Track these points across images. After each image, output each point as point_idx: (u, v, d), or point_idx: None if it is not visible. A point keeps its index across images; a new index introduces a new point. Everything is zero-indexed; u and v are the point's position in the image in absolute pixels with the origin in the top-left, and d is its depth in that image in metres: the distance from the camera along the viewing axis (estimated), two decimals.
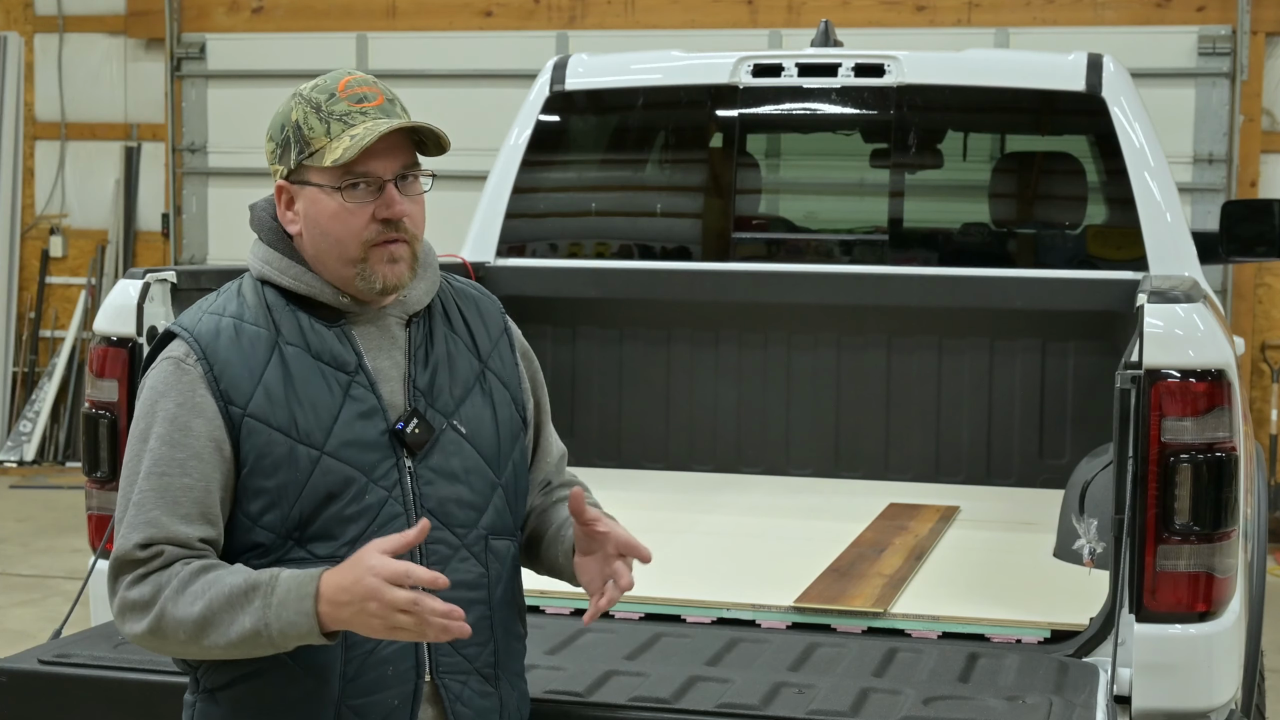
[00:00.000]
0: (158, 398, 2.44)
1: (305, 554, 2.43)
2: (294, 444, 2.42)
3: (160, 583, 2.36)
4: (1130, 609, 3.17)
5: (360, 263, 2.47)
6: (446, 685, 2.50)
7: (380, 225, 2.46)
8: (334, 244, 2.47)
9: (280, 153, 2.50)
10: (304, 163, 2.47)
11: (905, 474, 5.04)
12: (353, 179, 2.45)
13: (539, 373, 2.77)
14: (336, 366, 2.48)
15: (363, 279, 2.48)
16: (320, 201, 2.47)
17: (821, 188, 5.75)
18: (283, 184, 2.51)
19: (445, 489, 2.52)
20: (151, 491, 2.40)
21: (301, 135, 2.47)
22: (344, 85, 2.48)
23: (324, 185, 2.46)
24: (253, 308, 2.49)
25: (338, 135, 2.44)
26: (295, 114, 2.48)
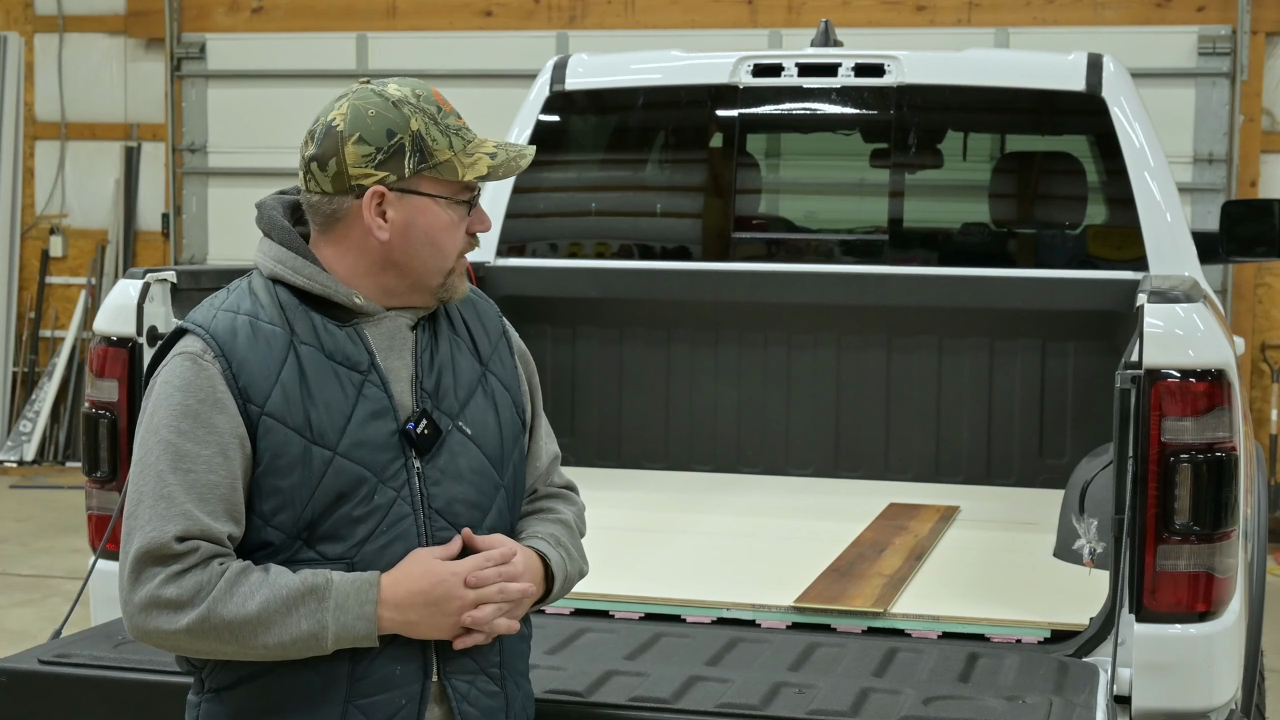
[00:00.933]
0: (173, 391, 2.42)
1: (315, 554, 2.43)
2: (309, 444, 2.42)
3: (202, 581, 2.34)
4: (1130, 609, 3.17)
5: (450, 274, 2.55)
6: (454, 685, 2.50)
7: (468, 239, 2.56)
8: (436, 255, 2.51)
9: (384, 159, 2.47)
10: (423, 172, 2.48)
11: (905, 474, 5.04)
12: (470, 194, 2.54)
13: (535, 375, 2.78)
14: (350, 366, 2.48)
15: (445, 289, 2.55)
16: (432, 212, 2.50)
17: (821, 188, 5.74)
18: (382, 190, 2.48)
19: (452, 489, 2.52)
20: (179, 486, 2.38)
21: (424, 144, 2.48)
22: (440, 98, 2.54)
23: (440, 197, 2.50)
24: (267, 306, 2.49)
25: (460, 149, 2.49)
26: (415, 123, 2.48)
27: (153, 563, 2.36)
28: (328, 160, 2.48)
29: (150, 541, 2.36)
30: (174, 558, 2.35)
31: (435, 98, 2.53)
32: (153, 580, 2.35)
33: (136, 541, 2.37)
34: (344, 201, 2.49)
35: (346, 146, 2.47)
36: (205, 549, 2.36)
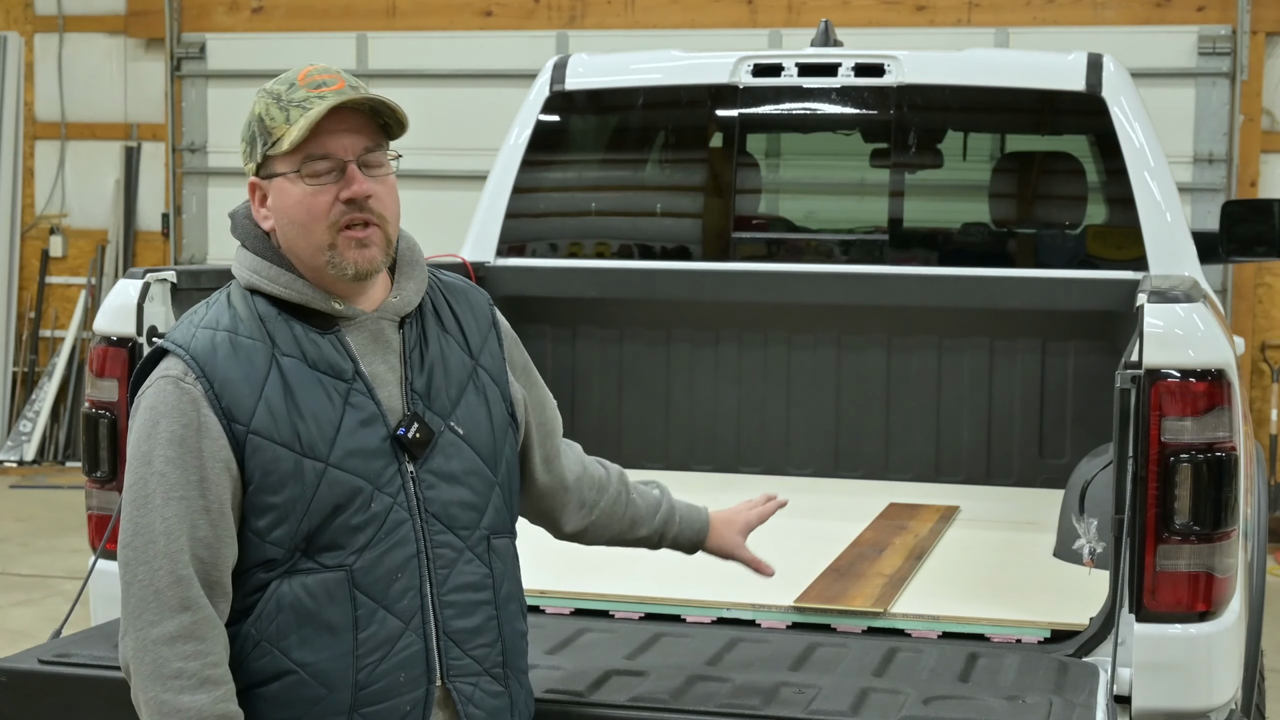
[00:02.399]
0: (159, 419, 2.40)
1: (314, 564, 2.43)
2: (299, 458, 2.40)
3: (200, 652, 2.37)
4: (1130, 609, 3.17)
5: (330, 249, 2.45)
6: (458, 688, 2.50)
7: (344, 206, 2.45)
8: (302, 231, 2.46)
9: (249, 150, 2.49)
10: (268, 154, 2.46)
11: (905, 474, 5.04)
12: (314, 161, 2.44)
13: (525, 354, 2.78)
14: (334, 375, 2.46)
15: (334, 266, 2.46)
16: (285, 190, 2.46)
17: (821, 187, 5.74)
18: (255, 181, 2.50)
19: (447, 492, 2.52)
20: (175, 518, 2.37)
21: (265, 127, 2.46)
22: (304, 75, 2.47)
23: (287, 172, 2.45)
24: (245, 320, 2.46)
25: (297, 120, 2.43)
26: (258, 107, 2.48)
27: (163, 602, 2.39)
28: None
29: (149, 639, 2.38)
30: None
31: (299, 77, 2.47)
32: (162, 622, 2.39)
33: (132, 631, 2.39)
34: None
35: (240, 149, 2.53)
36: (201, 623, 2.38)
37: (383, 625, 2.44)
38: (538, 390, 2.80)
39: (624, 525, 2.93)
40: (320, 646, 2.42)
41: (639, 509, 2.94)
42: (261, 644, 2.43)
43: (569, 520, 2.88)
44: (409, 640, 2.46)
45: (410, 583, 2.46)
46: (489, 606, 2.55)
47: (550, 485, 2.82)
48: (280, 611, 2.42)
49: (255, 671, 2.43)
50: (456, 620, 2.50)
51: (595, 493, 2.89)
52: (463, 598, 2.51)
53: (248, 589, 2.44)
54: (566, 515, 2.87)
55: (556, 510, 2.86)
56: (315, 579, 2.42)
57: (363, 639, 2.43)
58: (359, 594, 2.43)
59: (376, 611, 2.44)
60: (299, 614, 2.42)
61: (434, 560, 2.49)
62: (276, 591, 2.42)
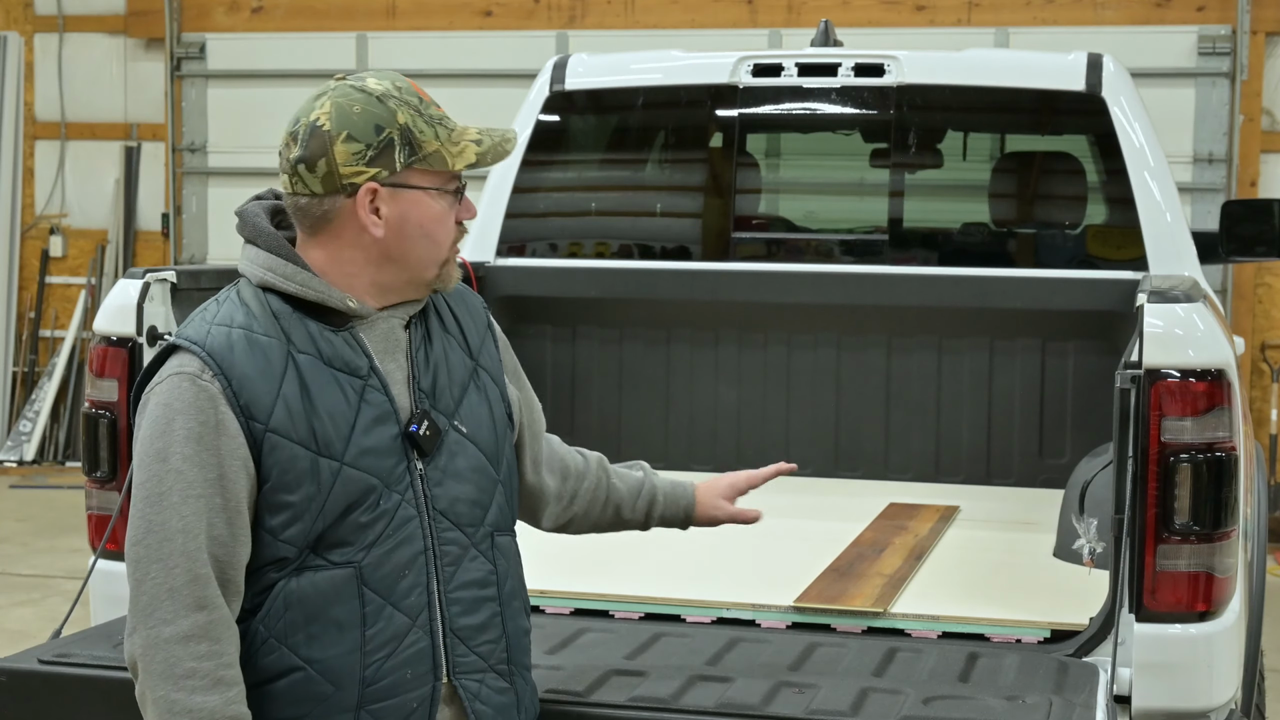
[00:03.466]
0: (174, 415, 2.38)
1: (322, 561, 2.43)
2: (315, 456, 2.40)
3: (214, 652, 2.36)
4: (1130, 609, 3.17)
5: (445, 264, 2.54)
6: (464, 685, 2.51)
7: (458, 228, 2.56)
8: (432, 246, 2.51)
9: (374, 155, 2.44)
10: (413, 165, 2.47)
11: (905, 474, 5.04)
12: (456, 181, 2.53)
13: (515, 359, 2.81)
14: (350, 372, 2.46)
15: (440, 279, 2.55)
16: (424, 204, 2.49)
17: (821, 187, 5.74)
18: (375, 186, 2.46)
19: (454, 489, 2.53)
20: (193, 515, 2.36)
21: (412, 137, 2.46)
22: (419, 89, 2.53)
23: (431, 188, 2.49)
24: (260, 317, 2.45)
25: (447, 140, 2.48)
26: (402, 117, 2.46)
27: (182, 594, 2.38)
28: (316, 161, 2.45)
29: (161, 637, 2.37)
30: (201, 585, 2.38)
31: (415, 89, 2.52)
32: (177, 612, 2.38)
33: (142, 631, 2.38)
34: (335, 201, 2.46)
35: (335, 145, 2.44)
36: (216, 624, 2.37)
37: (390, 622, 2.44)
38: (527, 393, 2.83)
39: (607, 512, 2.97)
40: (328, 643, 2.42)
41: (620, 493, 2.97)
42: (269, 640, 2.43)
43: (548, 516, 2.91)
44: (416, 637, 2.46)
45: (418, 580, 2.47)
46: (494, 603, 2.56)
47: (535, 485, 2.85)
48: (288, 608, 2.42)
49: (263, 668, 2.43)
50: (462, 617, 2.51)
51: (574, 482, 2.93)
52: (469, 594, 2.52)
53: (258, 587, 2.44)
54: (547, 511, 2.91)
55: (539, 508, 2.90)
56: (324, 576, 2.42)
57: (370, 636, 2.43)
58: (367, 591, 2.43)
59: (384, 608, 2.44)
60: (307, 611, 2.42)
61: (441, 557, 2.50)
62: (285, 588, 2.42)
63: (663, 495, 3.00)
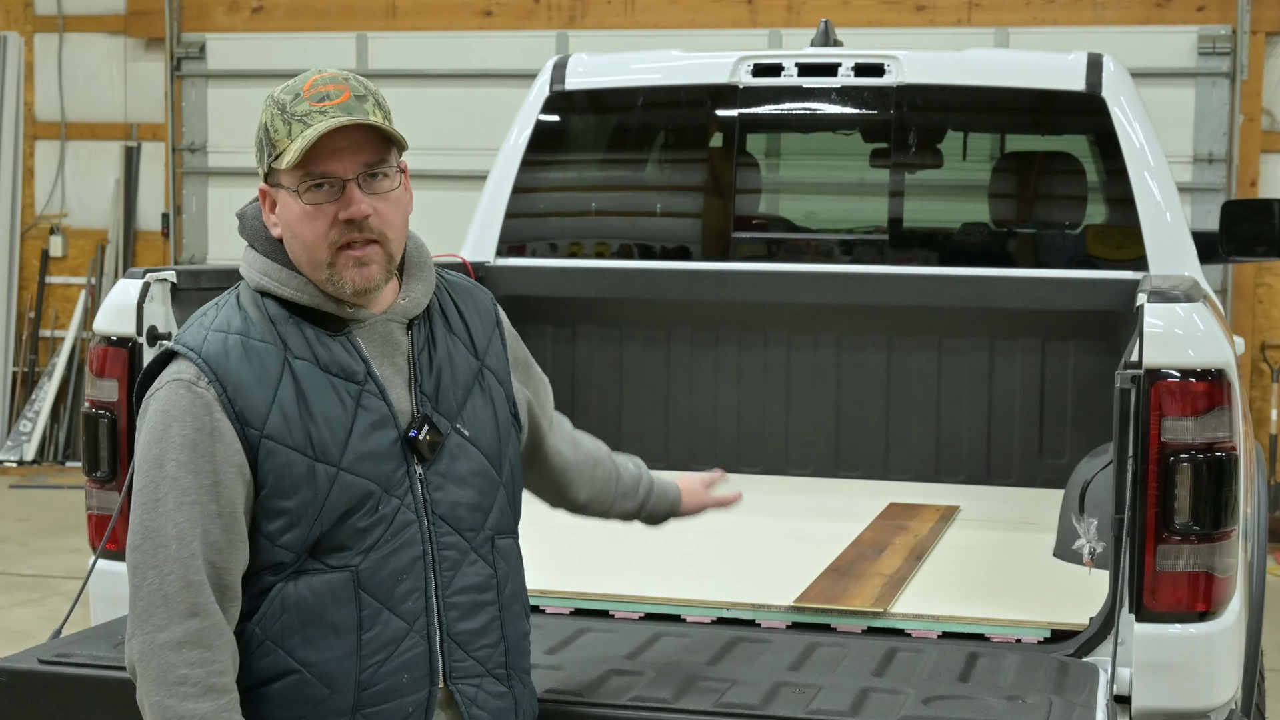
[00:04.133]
0: (170, 422, 2.38)
1: (320, 565, 2.43)
2: (312, 462, 2.40)
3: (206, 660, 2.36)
4: (1130, 609, 3.17)
5: (329, 267, 2.44)
6: (461, 690, 2.50)
7: (344, 226, 2.42)
8: (304, 247, 2.45)
9: (258, 156, 2.49)
10: (273, 165, 2.45)
11: (905, 474, 5.04)
12: (313, 180, 2.42)
13: (531, 361, 2.81)
14: (346, 377, 2.46)
15: (332, 284, 2.45)
16: (289, 205, 2.45)
17: (821, 187, 5.74)
18: (264, 188, 2.50)
19: (454, 493, 2.52)
20: (187, 522, 2.36)
21: (269, 138, 2.45)
22: (309, 85, 2.45)
23: (289, 187, 2.44)
24: (257, 322, 2.45)
25: (297, 136, 2.41)
26: (264, 116, 2.47)
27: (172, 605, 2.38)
28: None
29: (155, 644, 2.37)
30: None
31: (304, 88, 2.44)
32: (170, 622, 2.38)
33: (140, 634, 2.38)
34: None
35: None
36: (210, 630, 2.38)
37: (387, 626, 2.44)
38: (538, 382, 2.84)
39: (615, 497, 3.04)
40: (324, 647, 2.42)
41: (625, 483, 3.05)
42: (266, 643, 2.43)
43: (581, 490, 2.98)
44: (413, 642, 2.46)
45: (415, 584, 2.46)
46: (493, 607, 2.55)
47: (564, 461, 2.91)
48: (285, 611, 2.42)
49: (259, 671, 2.43)
50: (460, 622, 2.50)
51: (591, 466, 2.98)
52: (467, 599, 2.51)
53: (255, 591, 2.43)
54: (578, 487, 2.96)
55: (568, 483, 2.95)
56: (321, 579, 2.42)
57: (366, 640, 2.43)
58: (364, 595, 2.43)
59: (381, 613, 2.44)
60: (304, 614, 2.42)
61: (440, 562, 2.49)
62: (282, 591, 2.42)
63: (656, 487, 3.10)
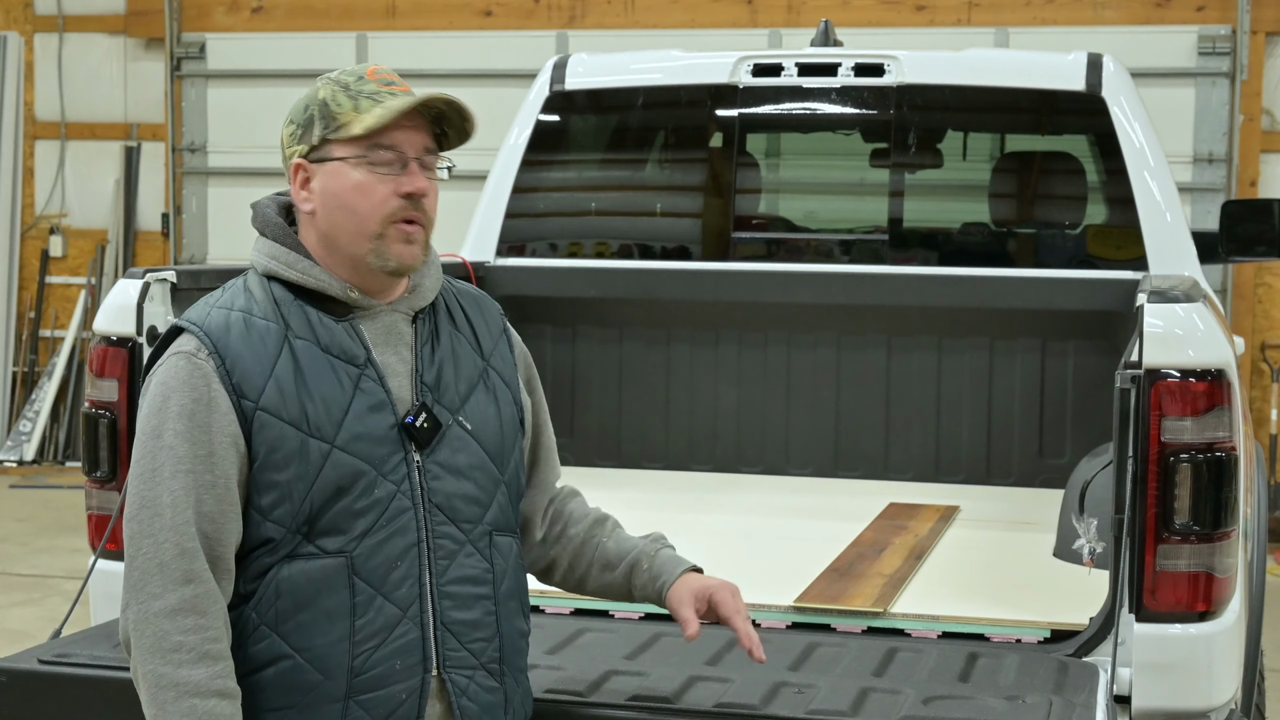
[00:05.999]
0: (170, 393, 2.43)
1: (314, 549, 2.44)
2: (305, 437, 2.43)
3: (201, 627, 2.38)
4: (1130, 609, 3.17)
5: (377, 239, 2.49)
6: (453, 679, 2.51)
7: (402, 201, 2.49)
8: (352, 217, 2.49)
9: (301, 132, 2.52)
10: (328, 137, 2.49)
11: (905, 474, 5.04)
12: (380, 149, 2.48)
13: (536, 378, 2.80)
14: (346, 360, 2.49)
15: (376, 255, 2.49)
16: (342, 174, 2.49)
17: (821, 187, 5.74)
18: (301, 162, 2.52)
19: (452, 484, 2.53)
20: (182, 490, 2.39)
21: (328, 111, 2.50)
22: (371, 71, 2.54)
23: (348, 157, 2.49)
24: (261, 302, 2.50)
25: (367, 110, 2.48)
26: (323, 93, 2.52)
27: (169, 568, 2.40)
28: (282, 151, 2.57)
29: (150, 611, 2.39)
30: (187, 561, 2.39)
31: (368, 73, 2.53)
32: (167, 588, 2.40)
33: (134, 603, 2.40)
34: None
35: (283, 132, 2.55)
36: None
37: (380, 612, 2.45)
38: (539, 413, 2.80)
39: (592, 569, 2.82)
40: (317, 632, 2.43)
41: (608, 553, 2.80)
42: (260, 628, 2.44)
43: (523, 551, 2.77)
44: (406, 629, 2.47)
45: (409, 571, 2.48)
46: (488, 601, 2.56)
47: (529, 504, 2.78)
48: (280, 596, 2.43)
49: (253, 656, 2.44)
50: (455, 612, 2.51)
51: (561, 526, 2.82)
52: (462, 590, 2.52)
53: (251, 574, 2.45)
54: (531, 547, 2.81)
55: (530, 532, 2.81)
56: (315, 564, 2.44)
57: (360, 626, 2.44)
58: (358, 580, 2.44)
59: (375, 599, 2.45)
60: (298, 599, 2.43)
61: (434, 550, 2.50)
62: (276, 576, 2.44)
63: (648, 566, 2.78)
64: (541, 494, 2.82)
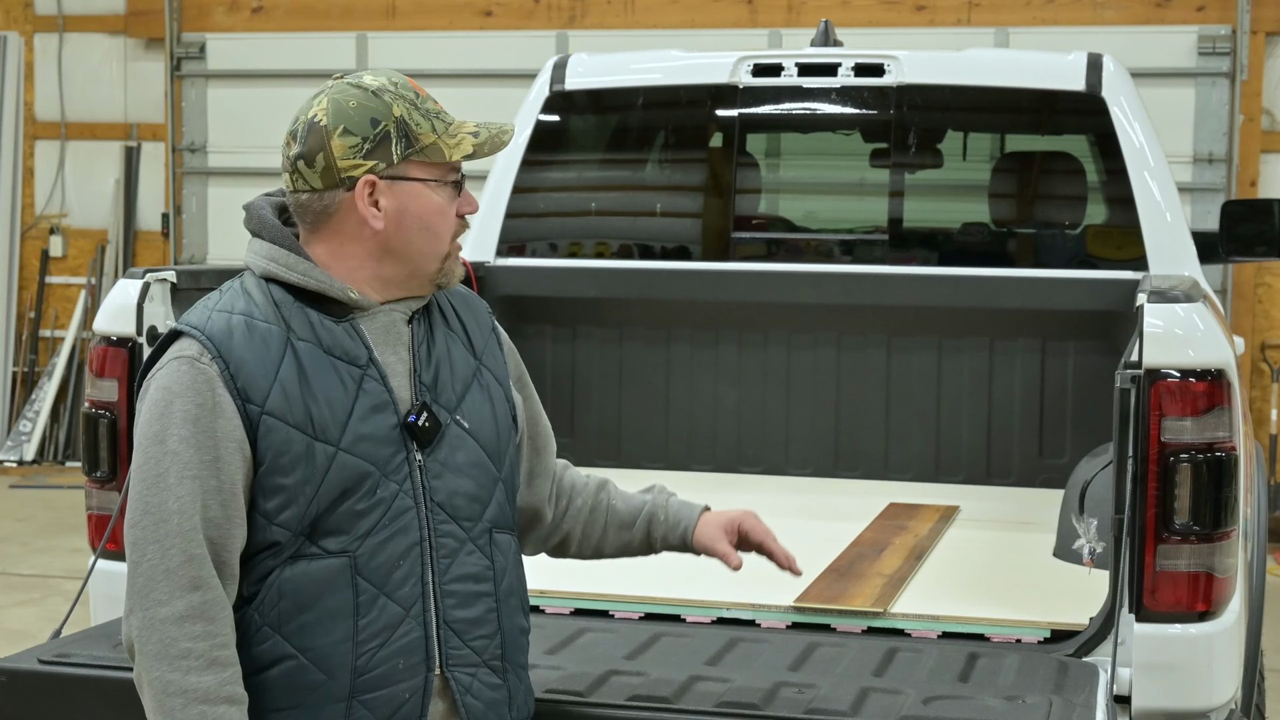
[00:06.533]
0: (172, 398, 2.41)
1: (317, 549, 2.44)
2: (311, 440, 2.42)
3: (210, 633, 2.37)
4: (1130, 609, 3.17)
5: (448, 258, 2.56)
6: (456, 678, 2.51)
7: (459, 221, 2.57)
8: (432, 239, 2.53)
9: (373, 148, 2.48)
10: (410, 157, 2.49)
11: (905, 474, 5.04)
12: (455, 174, 2.55)
13: (522, 366, 2.82)
14: (348, 360, 2.49)
15: (444, 274, 2.57)
16: (424, 196, 2.52)
17: (821, 187, 5.74)
18: (374, 179, 2.49)
19: (452, 482, 2.54)
20: (188, 496, 2.38)
21: (409, 129, 2.50)
22: (415, 85, 2.56)
23: (429, 180, 2.51)
24: (261, 305, 2.49)
25: (444, 133, 2.51)
26: (398, 109, 2.50)
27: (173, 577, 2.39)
28: (314, 156, 2.49)
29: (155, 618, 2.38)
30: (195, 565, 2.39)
31: (411, 85, 2.56)
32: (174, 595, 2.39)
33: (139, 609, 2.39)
34: (335, 195, 2.50)
35: (333, 140, 2.48)
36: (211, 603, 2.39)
37: (383, 612, 2.45)
38: (533, 405, 2.83)
39: (607, 534, 2.90)
40: (320, 632, 2.43)
41: (619, 514, 2.90)
42: (264, 629, 2.44)
43: (535, 538, 2.87)
44: (409, 628, 2.47)
45: (412, 570, 2.48)
46: (489, 599, 2.56)
47: (525, 501, 2.81)
48: (282, 597, 2.43)
49: (256, 656, 2.44)
50: (457, 610, 2.52)
51: (566, 500, 2.88)
52: (464, 588, 2.53)
53: (254, 575, 2.45)
54: (534, 531, 2.86)
55: (527, 526, 2.85)
56: (318, 565, 2.44)
57: (363, 625, 2.44)
58: (360, 580, 2.44)
59: (378, 598, 2.45)
60: (300, 599, 2.43)
61: (437, 549, 2.51)
62: (279, 577, 2.44)
63: (664, 517, 2.89)
64: (547, 481, 2.85)
